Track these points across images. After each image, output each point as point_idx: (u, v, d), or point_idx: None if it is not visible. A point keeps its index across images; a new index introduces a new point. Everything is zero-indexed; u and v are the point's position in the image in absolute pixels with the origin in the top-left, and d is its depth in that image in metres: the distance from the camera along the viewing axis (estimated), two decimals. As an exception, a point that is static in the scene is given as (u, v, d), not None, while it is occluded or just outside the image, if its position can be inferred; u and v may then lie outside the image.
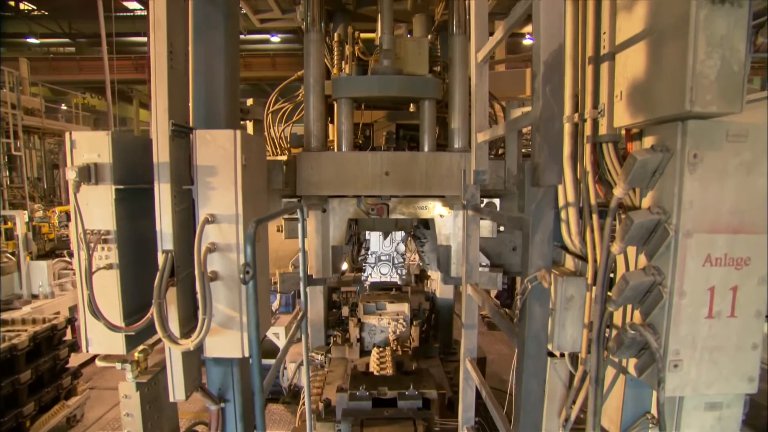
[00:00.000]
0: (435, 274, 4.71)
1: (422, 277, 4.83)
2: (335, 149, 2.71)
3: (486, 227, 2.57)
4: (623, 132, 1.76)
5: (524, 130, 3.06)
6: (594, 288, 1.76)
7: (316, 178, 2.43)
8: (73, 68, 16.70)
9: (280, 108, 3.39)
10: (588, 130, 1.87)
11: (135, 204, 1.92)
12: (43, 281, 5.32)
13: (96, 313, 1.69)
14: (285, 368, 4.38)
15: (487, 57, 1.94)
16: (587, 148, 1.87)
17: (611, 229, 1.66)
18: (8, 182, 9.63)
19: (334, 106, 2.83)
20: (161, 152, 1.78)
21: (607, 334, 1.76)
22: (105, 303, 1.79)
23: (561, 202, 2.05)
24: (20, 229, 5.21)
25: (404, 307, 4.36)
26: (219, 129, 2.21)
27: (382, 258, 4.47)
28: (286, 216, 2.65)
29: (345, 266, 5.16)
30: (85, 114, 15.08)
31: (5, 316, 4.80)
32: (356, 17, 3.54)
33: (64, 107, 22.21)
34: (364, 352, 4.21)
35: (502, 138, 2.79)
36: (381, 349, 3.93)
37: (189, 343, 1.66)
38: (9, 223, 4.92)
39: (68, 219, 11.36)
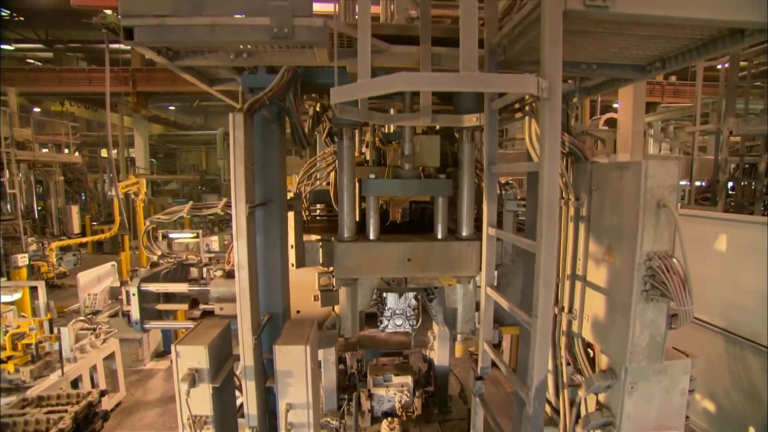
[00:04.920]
0: (435, 345, 5.40)
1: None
2: (356, 218, 3.04)
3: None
4: (589, 338, 2.44)
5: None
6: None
7: (350, 264, 2.89)
8: (53, 79, 16.18)
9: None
10: (564, 326, 2.55)
11: (223, 389, 2.48)
12: (65, 346, 5.66)
13: (206, 485, 2.26)
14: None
15: (496, 109, 2.42)
16: (563, 339, 2.55)
17: (576, 413, 2.35)
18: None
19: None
20: (247, 357, 2.34)
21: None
22: (202, 466, 2.36)
23: (543, 365, 2.74)
24: (42, 301, 5.48)
25: (408, 379, 5.06)
26: (279, 303, 2.81)
27: (397, 312, 5.23)
28: (321, 287, 3.22)
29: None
30: (63, 122, 14.65)
31: (36, 387, 5.19)
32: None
33: (37, 110, 21.39)
34: (375, 419, 4.90)
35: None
36: (390, 420, 4.62)
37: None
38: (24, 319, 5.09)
39: (62, 251, 11.37)
